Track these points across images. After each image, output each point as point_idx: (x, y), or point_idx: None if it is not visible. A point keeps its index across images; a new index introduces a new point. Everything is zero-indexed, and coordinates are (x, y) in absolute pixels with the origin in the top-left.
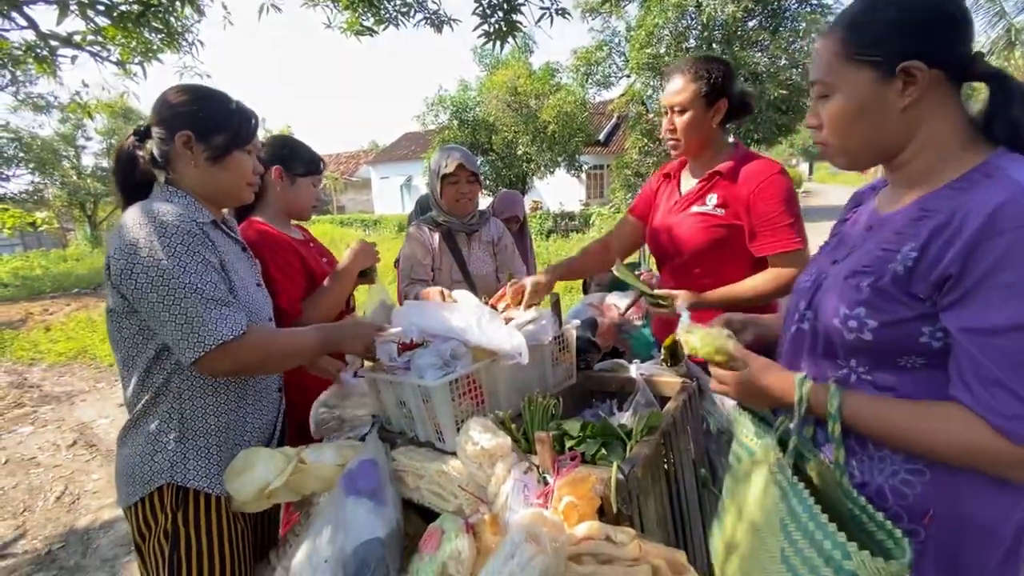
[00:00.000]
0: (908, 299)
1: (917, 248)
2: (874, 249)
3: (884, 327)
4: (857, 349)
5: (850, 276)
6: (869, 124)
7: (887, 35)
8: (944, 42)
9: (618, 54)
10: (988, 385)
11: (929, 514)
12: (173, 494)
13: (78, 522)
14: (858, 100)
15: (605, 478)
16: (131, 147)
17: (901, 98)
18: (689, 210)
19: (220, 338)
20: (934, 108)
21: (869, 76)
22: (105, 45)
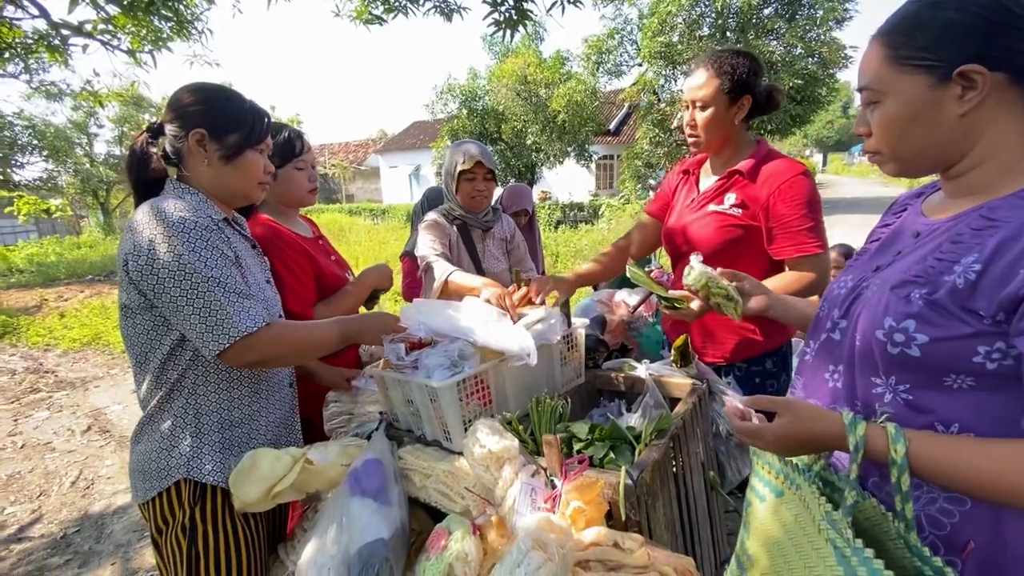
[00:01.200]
0: (966, 315)
1: (981, 261)
2: (927, 258)
3: (935, 343)
4: (900, 365)
5: (899, 286)
6: (924, 131)
7: (943, 37)
8: (1007, 44)
9: (630, 42)
10: None
11: (969, 547)
12: (190, 489)
13: (92, 507)
14: (912, 107)
15: (614, 483)
16: (144, 144)
17: (960, 104)
18: (706, 208)
19: (243, 330)
20: (996, 114)
21: (924, 81)
22: (116, 34)
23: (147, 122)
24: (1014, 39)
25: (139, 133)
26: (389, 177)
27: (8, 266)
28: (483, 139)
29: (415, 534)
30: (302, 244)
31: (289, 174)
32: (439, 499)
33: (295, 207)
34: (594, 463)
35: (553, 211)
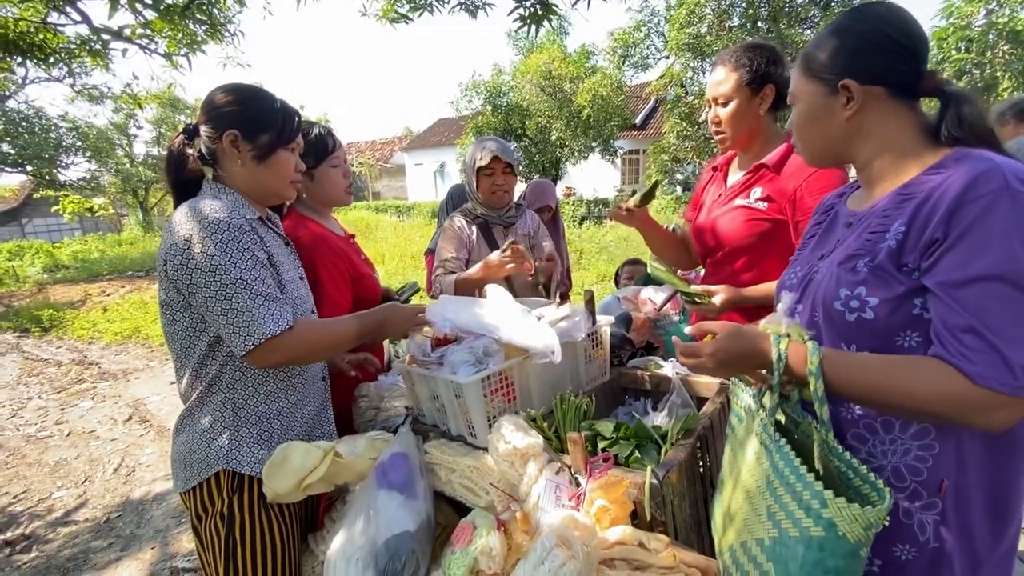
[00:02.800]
0: (900, 273)
1: (905, 223)
2: (863, 235)
3: (884, 303)
4: (858, 330)
5: (844, 262)
6: (820, 130)
7: (834, 57)
8: (883, 64)
9: (657, 35)
10: (958, 332)
11: (944, 485)
12: (229, 480)
13: (133, 493)
14: (812, 110)
15: (639, 482)
16: (181, 145)
17: (845, 110)
18: (732, 203)
19: (268, 333)
20: (880, 118)
21: (820, 91)
22: (153, 38)
23: (183, 123)
24: (891, 61)
25: (176, 135)
26: (415, 174)
27: (55, 262)
28: (507, 135)
29: (440, 527)
30: (342, 247)
31: (324, 173)
32: (464, 494)
33: (332, 206)
34: (619, 462)
35: (578, 207)
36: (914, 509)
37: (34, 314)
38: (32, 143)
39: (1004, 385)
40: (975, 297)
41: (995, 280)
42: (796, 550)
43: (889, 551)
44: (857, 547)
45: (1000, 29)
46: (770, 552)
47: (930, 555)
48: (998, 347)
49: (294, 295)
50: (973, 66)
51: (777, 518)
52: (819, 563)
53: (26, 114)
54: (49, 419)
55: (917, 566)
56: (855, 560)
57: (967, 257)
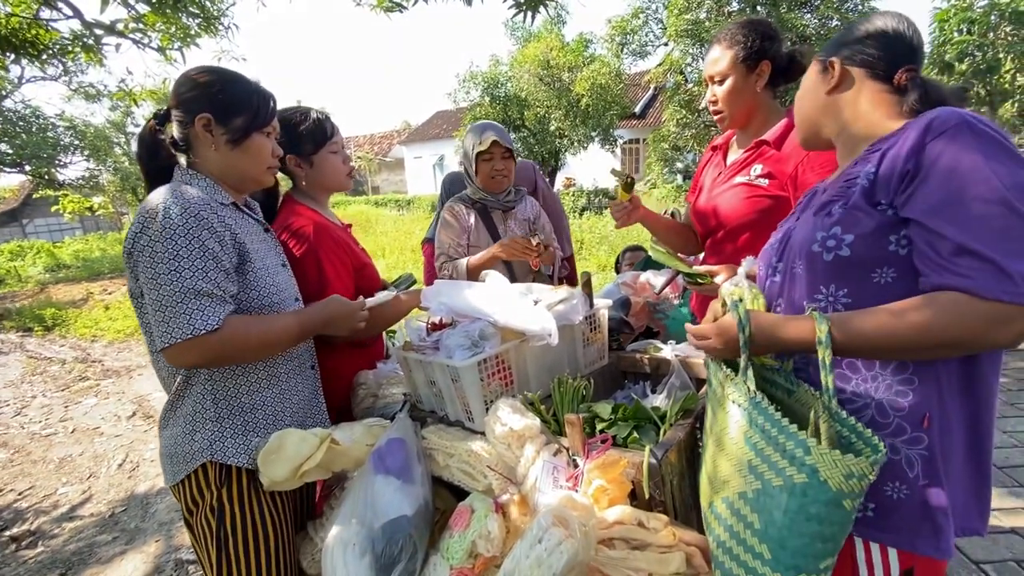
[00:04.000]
0: (873, 210)
1: (875, 165)
2: (836, 186)
3: (859, 240)
4: (836, 270)
5: (819, 210)
6: (808, 100)
7: (833, 43)
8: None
9: (655, 21)
10: (951, 256)
11: (927, 417)
12: (216, 471)
13: (138, 488)
14: (805, 82)
15: (637, 462)
16: (152, 131)
17: (826, 84)
18: (732, 180)
19: (189, 332)
20: (858, 96)
21: (816, 69)
22: (146, 32)
23: None
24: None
25: (147, 122)
26: (413, 168)
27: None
28: (506, 126)
29: (439, 512)
30: (343, 236)
31: (324, 158)
32: (462, 478)
33: (332, 192)
34: (617, 443)
35: (578, 198)
36: (899, 444)
37: (37, 313)
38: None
39: (1009, 294)
40: (960, 218)
41: (977, 200)
42: (780, 498)
43: (880, 491)
44: (839, 496)
45: (1003, 10)
46: (754, 504)
47: (921, 491)
48: (994, 260)
49: (267, 284)
50: (975, 48)
51: (759, 471)
52: (802, 509)
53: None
54: (53, 416)
55: (910, 504)
56: (838, 510)
57: (943, 183)
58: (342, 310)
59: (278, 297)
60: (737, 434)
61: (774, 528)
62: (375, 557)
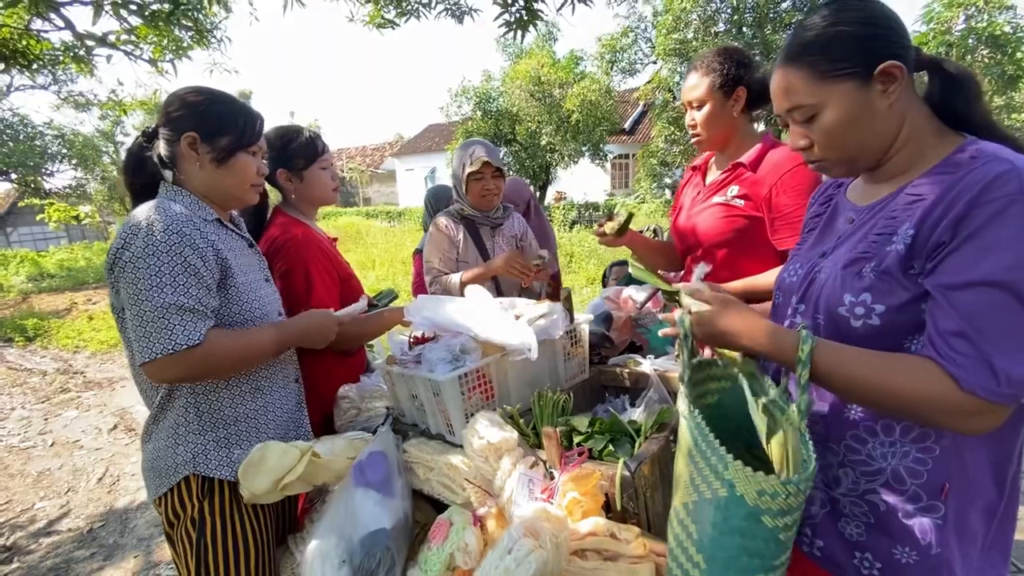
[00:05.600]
0: (907, 279)
1: (913, 226)
2: (868, 236)
3: (891, 311)
4: (864, 337)
5: (849, 265)
6: (864, 128)
7: (856, 47)
8: (898, 40)
9: (644, 40)
10: (949, 336)
11: (945, 488)
12: (199, 484)
13: (117, 502)
14: (849, 110)
15: (611, 475)
16: (139, 148)
17: (885, 97)
18: (710, 200)
19: (171, 347)
20: (909, 101)
21: (851, 86)
22: (138, 44)
23: None
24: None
25: (135, 138)
26: (405, 180)
27: (40, 271)
28: (497, 140)
29: (420, 526)
30: (331, 250)
31: (314, 174)
32: (442, 491)
33: (320, 206)
34: (593, 455)
35: (568, 211)
36: (914, 511)
37: (18, 323)
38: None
39: (987, 391)
40: (972, 302)
41: (995, 286)
42: (708, 511)
43: (888, 553)
44: (756, 511)
45: (980, 34)
46: (693, 514)
47: (933, 560)
48: (987, 353)
49: (249, 299)
50: None
51: (696, 483)
52: (725, 522)
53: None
54: (32, 429)
55: (918, 570)
56: (758, 525)
57: (970, 261)
58: (317, 322)
59: (261, 312)
60: (684, 448)
61: (706, 539)
62: (353, 570)
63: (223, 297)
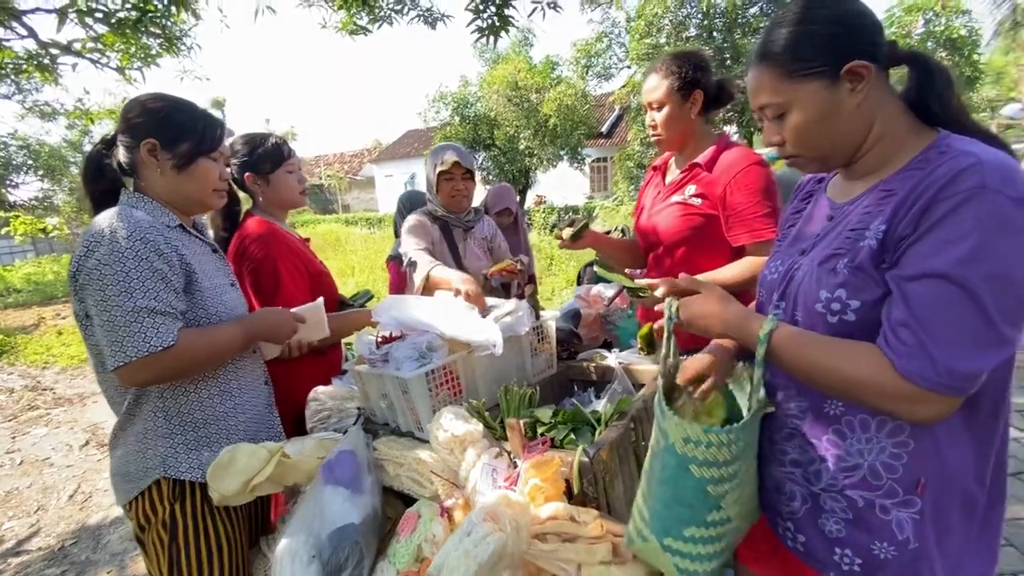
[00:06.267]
0: (880, 274)
1: (885, 221)
2: (843, 233)
3: (865, 306)
4: (840, 332)
5: (825, 261)
6: (832, 127)
7: (823, 46)
8: (870, 39)
9: (618, 45)
10: (896, 325)
11: (921, 483)
12: (170, 487)
13: (90, 519)
14: (818, 109)
15: (570, 461)
16: (98, 155)
17: (854, 96)
18: (670, 200)
19: (146, 350)
20: (880, 99)
21: (819, 85)
22: (104, 52)
23: None
24: (871, 33)
25: (94, 146)
26: (384, 186)
27: (5, 286)
28: (476, 145)
29: (391, 522)
30: (301, 247)
31: (280, 178)
32: (411, 486)
33: (288, 209)
34: (556, 444)
35: (549, 215)
36: (891, 506)
37: None
38: None
39: (924, 380)
40: (920, 294)
41: (943, 279)
42: (652, 463)
43: (867, 549)
44: (684, 459)
45: (938, 37)
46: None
47: (910, 555)
48: (926, 343)
49: (214, 303)
50: None
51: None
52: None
53: None
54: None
55: (895, 565)
56: (686, 474)
57: (926, 253)
58: (277, 317)
59: (227, 316)
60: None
61: (650, 492)
62: (322, 564)
63: (189, 302)
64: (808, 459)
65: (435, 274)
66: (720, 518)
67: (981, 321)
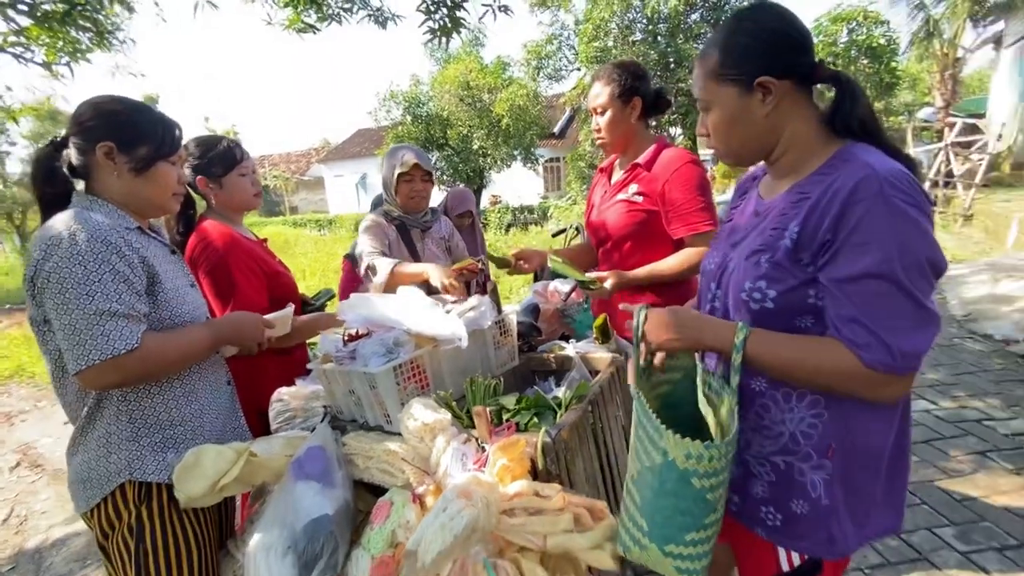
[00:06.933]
0: (796, 268)
1: (799, 224)
2: (765, 231)
3: (781, 295)
4: (762, 317)
5: (750, 256)
6: (741, 130)
7: (743, 58)
8: (787, 58)
9: (568, 47)
10: (846, 322)
11: (831, 448)
12: (135, 490)
13: (28, 543)
14: (730, 112)
15: (534, 442)
16: (48, 157)
17: (763, 106)
18: (615, 198)
19: (109, 353)
20: (791, 111)
21: (735, 92)
22: (29, 46)
23: None
24: (793, 54)
25: (42, 147)
26: (335, 186)
27: None
28: (429, 145)
29: (362, 514)
30: (254, 248)
31: (233, 181)
32: (382, 477)
33: (242, 212)
34: (520, 428)
35: (504, 214)
36: (807, 468)
37: None
38: None
39: (886, 366)
40: (859, 293)
41: (875, 277)
42: (648, 478)
43: (787, 506)
44: (686, 473)
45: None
46: (638, 483)
47: (823, 510)
48: (880, 335)
49: (177, 304)
50: None
51: (639, 455)
52: (662, 485)
53: None
54: None
55: (810, 519)
56: (687, 487)
57: (853, 257)
58: (246, 320)
59: (190, 316)
60: (634, 425)
61: (647, 504)
62: (297, 556)
63: (152, 303)
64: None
65: (399, 270)
66: (716, 518)
67: (914, 304)
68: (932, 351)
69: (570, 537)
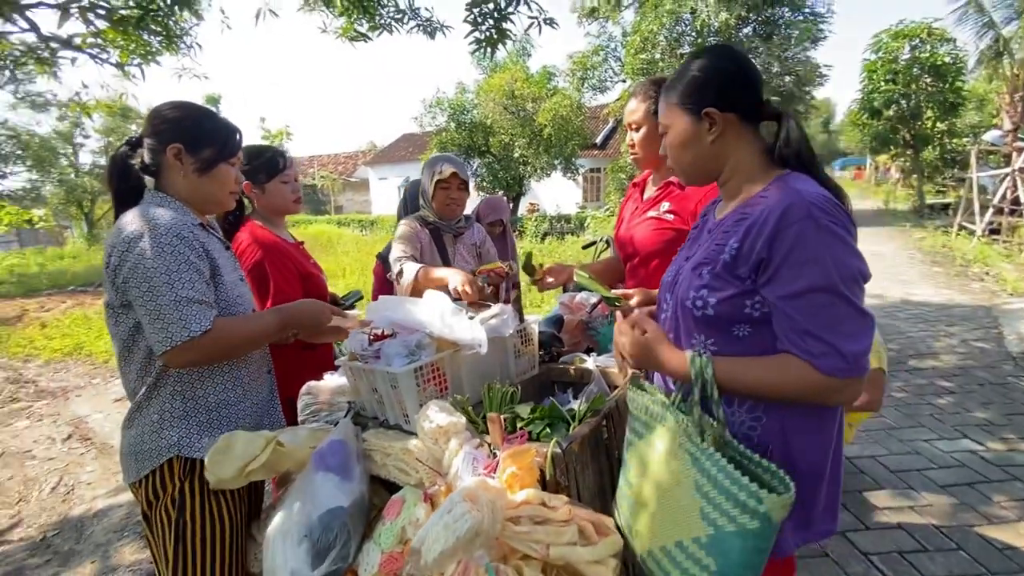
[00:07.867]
0: (734, 280)
1: (738, 241)
2: (710, 246)
3: (720, 303)
4: (704, 324)
5: (696, 267)
6: (690, 154)
7: (694, 89)
8: (733, 95)
9: (614, 59)
10: (800, 335)
11: (769, 449)
12: (181, 465)
13: (73, 511)
14: (681, 137)
15: (545, 452)
16: (123, 156)
17: (710, 134)
18: (646, 215)
19: (186, 335)
20: (736, 142)
21: (687, 120)
22: (105, 47)
23: (135, 133)
24: (739, 92)
25: (119, 146)
26: (379, 189)
27: None
28: (471, 152)
29: (376, 509)
30: (291, 250)
31: (275, 188)
32: (397, 475)
33: (282, 215)
34: (533, 437)
35: (541, 223)
36: None
37: None
38: None
39: (841, 371)
40: (807, 306)
41: (819, 291)
42: (734, 543)
43: None
44: (777, 525)
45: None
46: (708, 548)
47: None
48: (832, 343)
49: (233, 295)
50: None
51: (712, 517)
52: (756, 547)
53: None
54: None
55: None
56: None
57: (792, 275)
58: (315, 309)
59: (243, 307)
60: (684, 480)
61: (730, 567)
62: (312, 544)
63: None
64: None
65: (426, 274)
66: None
67: (854, 310)
68: (983, 388)
69: (573, 549)
